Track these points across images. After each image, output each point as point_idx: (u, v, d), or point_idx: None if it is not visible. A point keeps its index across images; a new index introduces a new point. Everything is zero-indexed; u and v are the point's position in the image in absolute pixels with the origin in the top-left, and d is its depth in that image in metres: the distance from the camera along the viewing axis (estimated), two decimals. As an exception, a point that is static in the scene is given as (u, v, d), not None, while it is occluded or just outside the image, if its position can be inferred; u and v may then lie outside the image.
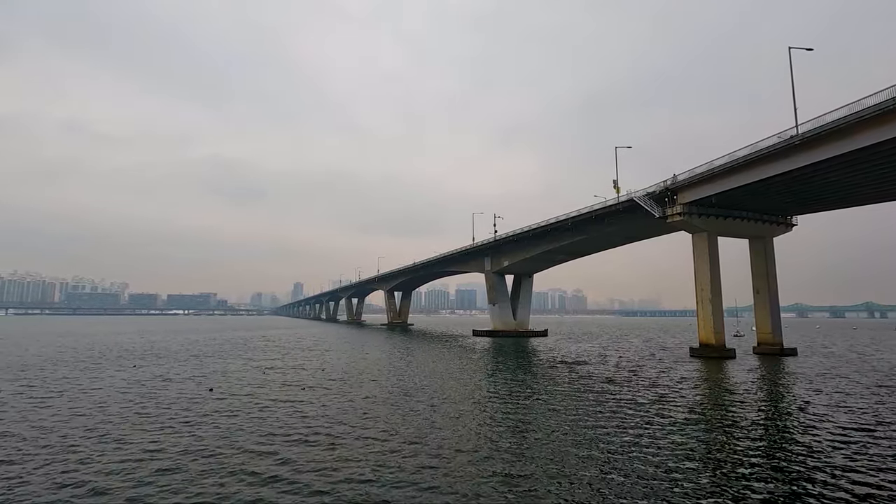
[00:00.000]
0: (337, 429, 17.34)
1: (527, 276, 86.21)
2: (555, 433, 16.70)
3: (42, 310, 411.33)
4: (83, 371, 33.15)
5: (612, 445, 15.14)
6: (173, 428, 17.33)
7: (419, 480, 12.10)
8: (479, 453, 14.40)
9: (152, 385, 27.15)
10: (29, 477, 12.26)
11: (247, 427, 17.47)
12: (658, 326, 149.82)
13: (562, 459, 13.77)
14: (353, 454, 14.34)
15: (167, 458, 13.86)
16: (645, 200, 47.43)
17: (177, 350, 51.23)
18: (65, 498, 10.94)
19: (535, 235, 69.34)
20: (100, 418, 18.80)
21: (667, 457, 14.08)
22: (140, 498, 10.95)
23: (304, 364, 38.34)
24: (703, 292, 45.57)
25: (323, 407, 21.20)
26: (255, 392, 25.04)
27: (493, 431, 17.04)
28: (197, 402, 22.05)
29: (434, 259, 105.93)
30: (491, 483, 11.95)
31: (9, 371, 32.86)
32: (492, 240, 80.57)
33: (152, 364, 37.73)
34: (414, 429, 17.37)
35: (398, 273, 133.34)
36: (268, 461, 13.64)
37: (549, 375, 31.98)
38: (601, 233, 58.98)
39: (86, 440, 15.74)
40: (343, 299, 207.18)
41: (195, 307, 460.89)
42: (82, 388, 25.77)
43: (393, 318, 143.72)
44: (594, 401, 22.68)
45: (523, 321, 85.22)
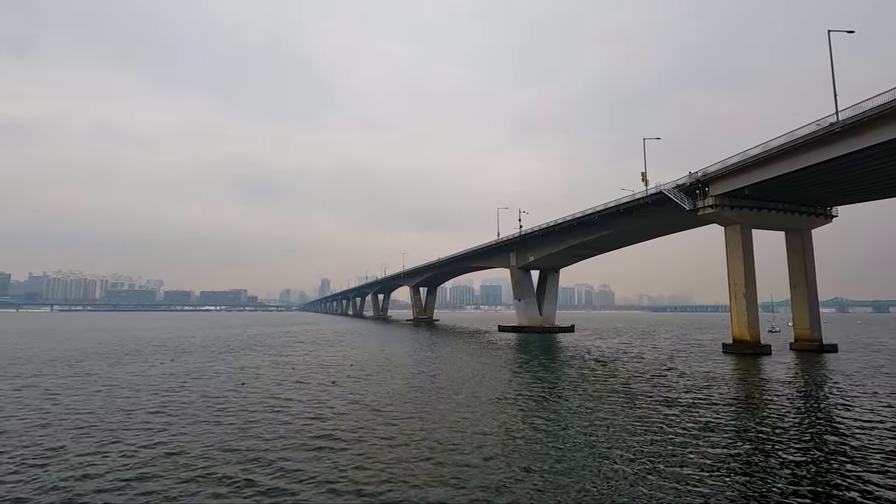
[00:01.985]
0: (366, 424, 17.63)
1: (552, 271, 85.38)
2: (583, 431, 16.56)
3: (84, 306, 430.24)
4: (128, 364, 34.57)
5: (642, 445, 14.91)
6: (208, 420, 17.95)
7: (448, 477, 12.20)
8: (509, 451, 14.41)
9: (189, 378, 28.13)
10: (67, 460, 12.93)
11: (277, 420, 17.95)
12: (689, 322, 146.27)
13: (590, 457, 13.67)
14: (382, 451, 14.54)
15: (202, 449, 14.38)
16: (675, 193, 46.31)
17: (209, 345, 52.86)
18: (119, 483, 11.51)
19: (560, 230, 68.57)
20: (142, 410, 19.62)
21: (700, 458, 13.80)
22: (167, 489, 11.41)
23: (333, 359, 39.00)
24: (737, 287, 44.28)
25: (353, 402, 21.57)
26: (285, 386, 25.66)
27: (522, 429, 17.00)
28: (231, 395, 22.74)
29: (458, 255, 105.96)
30: (520, 480, 11.95)
31: (64, 363, 34.55)
32: (517, 235, 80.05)
33: (188, 358, 39.04)
34: (443, 426, 17.47)
35: (423, 269, 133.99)
36: (299, 455, 13.97)
37: (577, 372, 31.71)
38: (629, 227, 57.88)
39: (133, 432, 16.44)
40: (369, 295, 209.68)
41: (227, 303, 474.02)
42: (127, 381, 26.90)
43: (418, 314, 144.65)
44: (623, 399, 22.38)
45: (549, 317, 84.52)
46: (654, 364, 36.00)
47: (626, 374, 30.22)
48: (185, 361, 36.84)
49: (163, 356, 40.53)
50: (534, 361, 37.46)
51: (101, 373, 30.32)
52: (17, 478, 11.93)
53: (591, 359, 39.73)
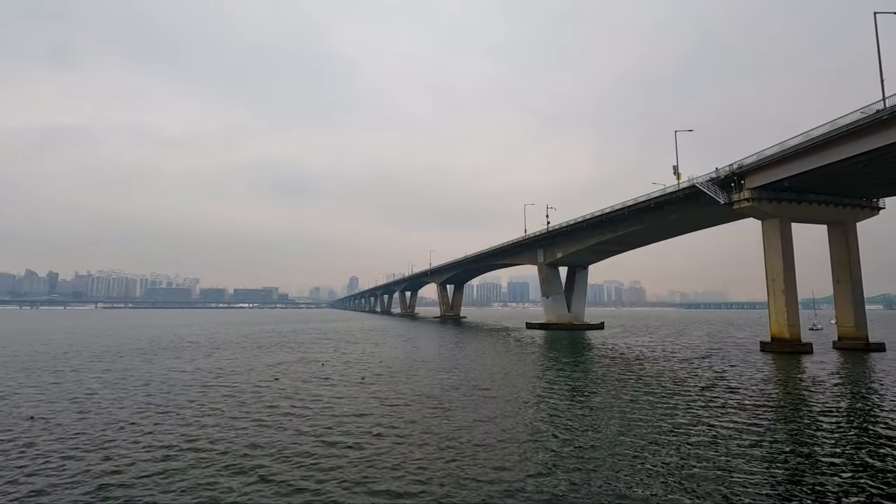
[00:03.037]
0: (393, 422, 17.76)
1: (581, 267, 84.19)
2: (615, 432, 16.21)
3: (125, 304, 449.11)
4: (166, 360, 35.90)
5: (677, 448, 14.50)
6: (242, 415, 18.43)
7: (479, 476, 12.18)
8: (538, 452, 14.28)
9: (224, 373, 28.98)
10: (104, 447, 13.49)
11: (309, 416, 18.28)
12: (724, 319, 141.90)
13: (622, 460, 13.39)
14: (409, 450, 14.61)
15: (238, 443, 14.78)
16: (708, 186, 44.92)
17: (241, 342, 54.32)
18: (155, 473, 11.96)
19: (589, 226, 67.50)
20: (180, 404, 20.33)
21: (738, 464, 13.33)
22: (212, 482, 11.75)
23: (361, 356, 39.48)
24: (775, 283, 42.64)
25: (382, 398, 21.79)
26: (316, 382, 26.12)
27: (551, 429, 16.80)
28: (264, 391, 23.30)
29: (485, 252, 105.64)
30: (550, 481, 11.82)
31: (105, 360, 36.15)
32: (545, 231, 79.19)
33: (222, 354, 40.24)
34: (470, 425, 17.44)
35: (450, 266, 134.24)
36: (328, 451, 14.19)
37: (608, 371, 31.17)
38: (661, 221, 56.49)
39: (170, 426, 17.04)
40: (397, 292, 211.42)
41: (259, 301, 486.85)
42: (165, 376, 27.92)
43: (445, 311, 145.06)
44: (656, 399, 21.85)
45: (578, 314, 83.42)
46: (689, 363, 35.06)
47: (659, 374, 29.54)
48: (220, 358, 37.95)
49: (198, 352, 41.87)
50: (562, 359, 37.03)
51: (138, 368, 31.52)
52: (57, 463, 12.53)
53: (623, 357, 39.01)
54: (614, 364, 34.25)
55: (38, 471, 12.24)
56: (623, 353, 42.43)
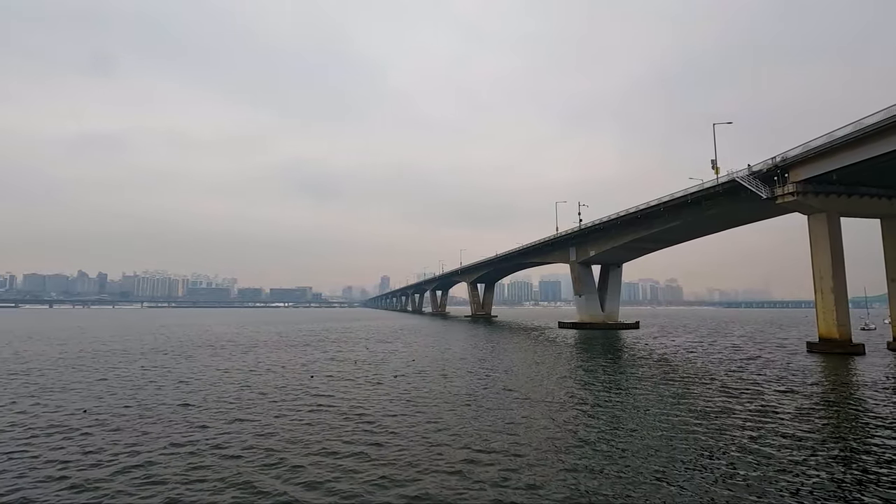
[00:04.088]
0: (428, 418, 17.87)
1: (615, 265, 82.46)
2: (653, 438, 15.78)
3: (168, 303, 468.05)
4: (209, 357, 37.24)
5: (720, 456, 13.97)
6: (278, 412, 18.93)
7: (510, 478, 12.10)
8: (573, 456, 14.07)
9: (260, 371, 29.82)
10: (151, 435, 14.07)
11: (344, 413, 18.59)
12: (767, 319, 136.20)
13: (661, 466, 13.03)
14: (443, 449, 14.65)
15: (276, 437, 15.18)
16: (749, 180, 43.15)
17: (276, 340, 55.75)
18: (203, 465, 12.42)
19: (623, 223, 66.00)
20: (217, 399, 21.05)
21: (788, 475, 12.77)
22: (250, 476, 12.10)
23: (393, 355, 39.86)
24: (823, 280, 40.59)
25: (414, 398, 21.93)
26: (350, 380, 26.53)
27: (586, 434, 16.51)
28: (299, 389, 23.84)
29: (516, 251, 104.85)
30: (586, 487, 11.64)
31: (146, 358, 37.80)
32: (576, 229, 77.92)
33: (259, 352, 41.43)
34: (502, 428, 17.35)
35: (480, 265, 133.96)
36: (360, 449, 14.39)
37: (645, 372, 30.41)
38: (698, 218, 54.67)
39: (211, 421, 17.67)
40: (428, 292, 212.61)
41: (293, 300, 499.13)
42: (204, 373, 28.96)
43: (476, 310, 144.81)
44: (697, 403, 21.15)
45: (612, 313, 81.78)
46: (730, 364, 33.83)
47: (700, 376, 28.61)
48: (256, 355, 39.04)
49: (236, 350, 43.22)
50: (597, 360, 36.37)
51: (180, 366, 32.77)
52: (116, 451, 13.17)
53: (660, 358, 37.98)
54: (652, 365, 33.40)
55: (84, 460, 12.91)
56: (660, 353, 41.32)
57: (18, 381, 25.91)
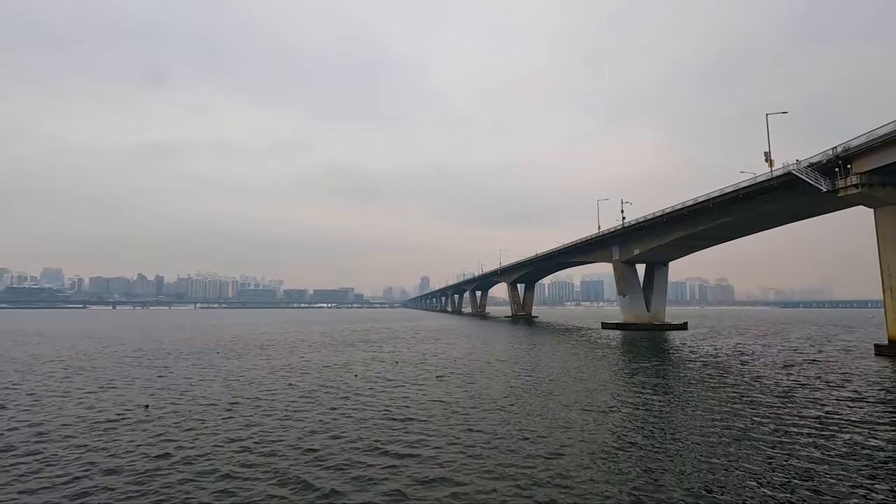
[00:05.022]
0: (470, 421, 17.84)
1: (661, 264, 79.69)
2: (708, 449, 15.08)
3: (219, 304, 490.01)
4: (255, 356, 38.71)
5: (774, 468, 13.21)
6: (322, 409, 19.40)
7: (554, 482, 11.90)
8: (620, 462, 13.69)
9: (305, 370, 30.68)
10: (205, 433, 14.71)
11: (386, 411, 18.85)
12: (828, 319, 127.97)
13: (711, 481, 12.48)
14: (485, 452, 14.58)
15: (321, 432, 15.56)
16: (807, 173, 40.69)
17: (319, 340, 57.20)
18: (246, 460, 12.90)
19: (669, 220, 63.70)
20: (264, 397, 21.81)
21: (855, 491, 11.95)
22: (294, 469, 12.45)
23: (434, 355, 40.06)
24: (892, 278, 37.69)
25: (454, 400, 21.95)
26: (391, 379, 26.87)
27: (632, 438, 16.04)
28: (344, 387, 24.35)
29: (556, 250, 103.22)
30: (633, 496, 11.29)
31: (197, 356, 39.67)
32: (620, 227, 75.88)
33: (305, 351, 42.64)
34: (546, 434, 17.10)
35: (520, 265, 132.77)
36: (404, 450, 14.52)
37: (696, 375, 29.18)
38: (750, 214, 52.06)
39: (261, 418, 18.32)
40: (467, 292, 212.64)
41: (336, 300, 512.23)
42: (253, 371, 30.09)
43: (517, 311, 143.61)
44: (754, 410, 20.03)
45: (658, 313, 79.06)
46: (788, 368, 31.98)
47: (753, 380, 27.19)
48: (302, 354, 40.19)
49: (282, 349, 44.66)
50: (643, 362, 35.23)
51: (228, 365, 34.13)
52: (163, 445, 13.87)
53: (710, 360, 36.37)
54: (701, 368, 32.02)
55: (147, 453, 13.67)
56: (711, 355, 39.58)
57: (86, 376, 27.76)
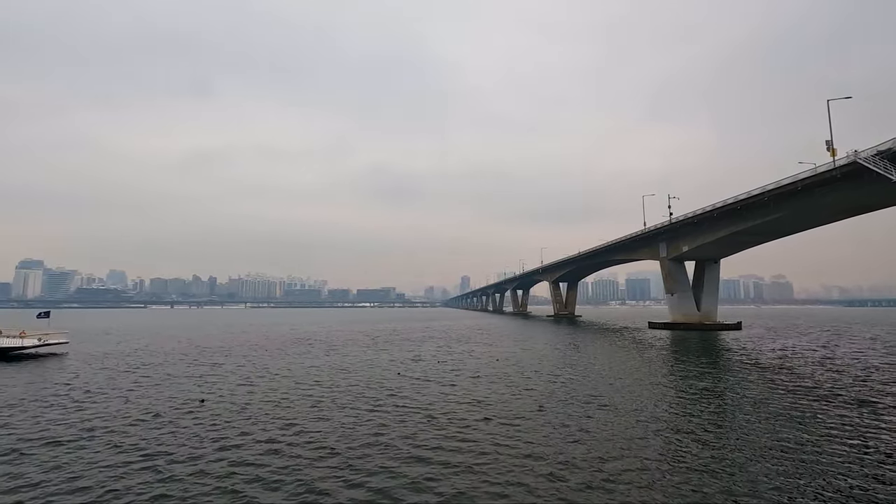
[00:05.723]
0: (507, 422, 17.72)
1: (711, 261, 76.26)
2: (760, 461, 14.35)
3: (268, 303, 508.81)
4: (301, 355, 39.98)
5: (840, 489, 12.43)
6: (367, 409, 19.79)
7: (595, 490, 11.65)
8: (666, 474, 13.21)
9: (349, 368, 31.38)
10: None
11: (426, 410, 19.03)
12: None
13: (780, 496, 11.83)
14: (526, 451, 14.44)
15: (365, 427, 15.88)
16: (875, 162, 37.93)
17: (361, 339, 58.34)
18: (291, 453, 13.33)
19: (720, 215, 60.92)
20: (315, 393, 22.47)
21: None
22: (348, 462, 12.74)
23: (475, 355, 39.99)
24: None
25: (494, 398, 21.89)
26: (434, 378, 27.05)
27: (680, 447, 15.43)
28: (386, 386, 24.76)
29: (599, 248, 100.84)
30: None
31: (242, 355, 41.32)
32: (667, 223, 73.27)
33: (348, 350, 43.63)
34: (587, 434, 16.77)
35: (562, 263, 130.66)
36: (444, 452, 14.57)
37: (753, 380, 27.71)
38: (810, 207, 49.07)
39: (305, 416, 18.90)
40: (508, 291, 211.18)
41: (378, 300, 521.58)
42: (298, 369, 31.07)
43: (559, 310, 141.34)
44: (811, 419, 18.78)
45: (709, 312, 75.69)
46: (855, 373, 29.89)
47: (815, 386, 25.57)
48: (345, 353, 41.11)
49: (325, 347, 45.86)
50: (692, 364, 33.83)
51: (275, 363, 35.34)
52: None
53: (767, 363, 34.48)
54: (760, 371, 30.39)
55: (200, 447, 14.39)
56: (767, 358, 37.53)
57: (146, 371, 29.54)
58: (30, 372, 29.88)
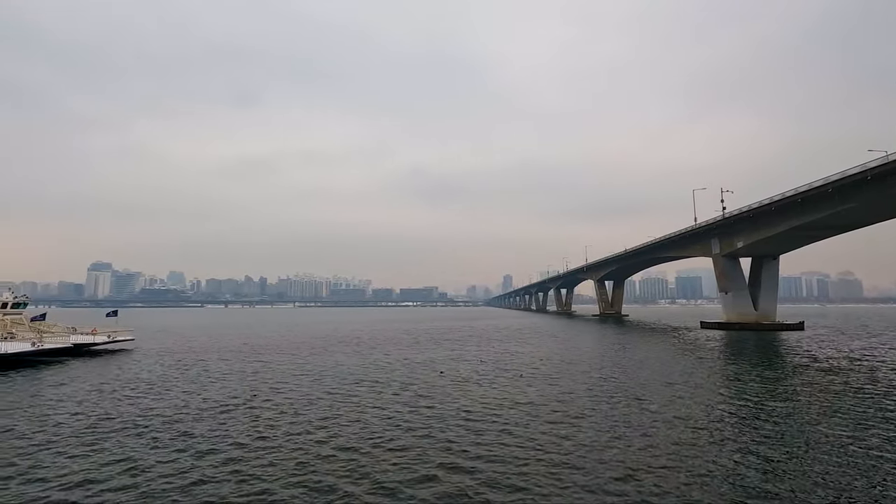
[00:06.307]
0: (549, 423, 17.45)
1: (769, 257, 72.10)
2: (827, 477, 13.48)
3: (315, 302, 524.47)
4: (344, 354, 40.95)
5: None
6: (408, 409, 20.02)
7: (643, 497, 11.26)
8: (716, 486, 12.60)
9: (391, 367, 31.85)
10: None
11: (466, 410, 19.04)
12: None
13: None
14: (569, 454, 14.17)
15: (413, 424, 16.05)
16: (957, 147, 34.63)
17: (404, 338, 58.98)
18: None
19: (778, 209, 57.49)
20: (356, 391, 22.93)
21: None
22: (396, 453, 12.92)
23: (517, 355, 39.61)
24: None
25: (537, 400, 21.61)
26: (476, 378, 27.00)
27: (734, 458, 14.67)
28: (429, 386, 24.96)
29: (646, 245, 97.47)
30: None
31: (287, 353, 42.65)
32: (720, 218, 69.89)
33: (389, 349, 44.33)
34: (633, 438, 16.24)
35: (607, 261, 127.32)
36: (471, 443, 14.50)
37: (814, 383, 25.98)
38: (881, 198, 45.49)
39: (346, 414, 19.32)
40: (552, 290, 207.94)
41: (421, 299, 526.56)
42: (341, 368, 31.82)
43: (605, 309, 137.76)
44: (885, 432, 17.57)
45: (767, 312, 71.58)
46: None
47: (890, 394, 23.73)
48: (387, 351, 41.72)
49: (367, 346, 46.74)
50: (750, 367, 32.03)
51: (321, 361, 36.30)
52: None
53: (836, 367, 32.09)
54: (826, 375, 28.34)
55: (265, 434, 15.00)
56: (834, 362, 35.01)
57: (203, 366, 31.11)
58: (101, 366, 32.22)
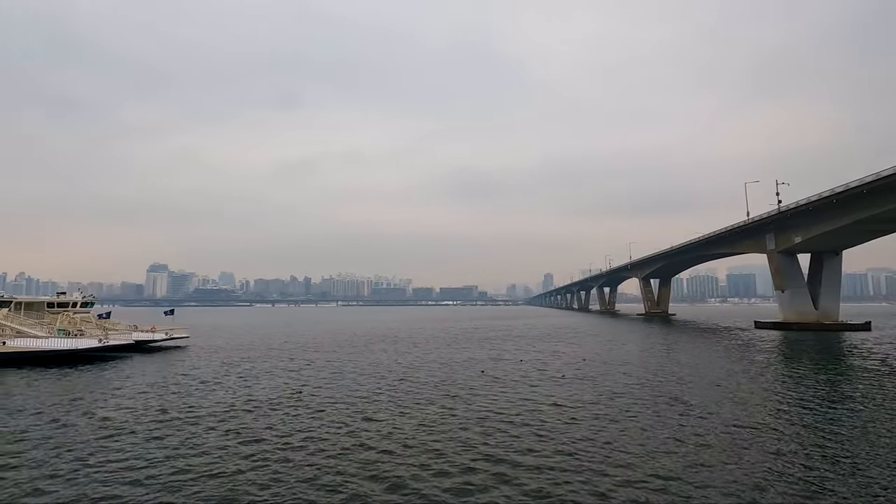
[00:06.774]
0: (590, 428, 17.01)
1: (831, 253, 67.71)
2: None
3: (357, 301, 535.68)
4: (383, 351, 41.55)
5: None
6: (448, 409, 20.04)
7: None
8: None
9: (430, 367, 31.99)
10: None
11: (503, 412, 18.83)
12: None
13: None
14: (604, 472, 13.75)
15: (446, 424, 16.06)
16: None
17: (443, 336, 59.19)
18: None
19: (841, 201, 53.87)
20: (396, 388, 23.18)
21: None
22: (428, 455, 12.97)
23: (558, 355, 38.91)
24: None
25: (578, 402, 21.14)
26: (518, 377, 26.72)
27: (793, 470, 13.84)
28: (469, 386, 24.89)
29: (694, 242, 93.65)
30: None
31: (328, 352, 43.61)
32: (775, 212, 66.23)
33: (428, 347, 44.61)
34: (679, 445, 15.60)
35: (653, 259, 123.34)
36: (506, 445, 14.30)
37: (882, 389, 24.21)
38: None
39: (387, 413, 19.55)
40: (594, 288, 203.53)
41: (461, 298, 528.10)
42: (379, 366, 32.26)
43: (650, 308, 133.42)
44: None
45: (829, 311, 67.23)
46: None
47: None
48: (426, 350, 41.99)
49: (405, 344, 47.21)
50: (810, 370, 30.09)
51: (360, 359, 36.91)
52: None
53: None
54: (893, 381, 26.39)
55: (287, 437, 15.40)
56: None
57: (252, 364, 32.31)
58: (159, 361, 34.22)
